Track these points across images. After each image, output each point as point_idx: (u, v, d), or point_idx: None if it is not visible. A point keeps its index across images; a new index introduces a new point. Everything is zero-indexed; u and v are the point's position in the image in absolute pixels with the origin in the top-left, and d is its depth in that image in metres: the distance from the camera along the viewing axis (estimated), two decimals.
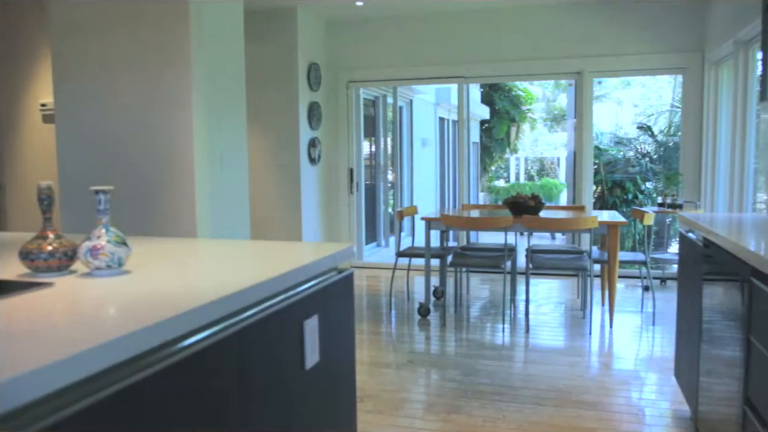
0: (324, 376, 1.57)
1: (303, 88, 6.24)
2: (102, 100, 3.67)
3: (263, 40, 6.12)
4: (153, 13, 3.50)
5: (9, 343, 0.86)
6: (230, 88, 3.93)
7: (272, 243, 1.84)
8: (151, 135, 3.57)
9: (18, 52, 5.00)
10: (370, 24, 6.57)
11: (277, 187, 6.31)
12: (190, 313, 1.04)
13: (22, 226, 5.11)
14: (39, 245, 1.30)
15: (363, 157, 7.16)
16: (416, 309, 4.95)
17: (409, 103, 9.73)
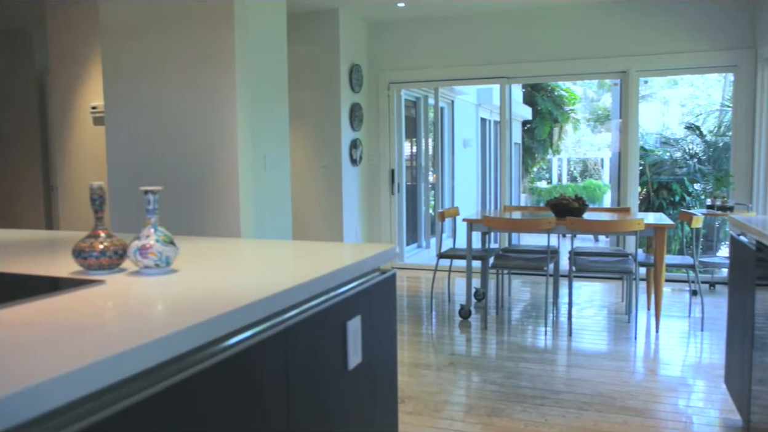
0: (366, 376, 1.57)
1: (345, 89, 6.28)
2: (150, 102, 3.75)
3: (306, 41, 6.17)
4: (199, 16, 3.57)
5: (63, 339, 0.88)
6: (273, 89, 3.98)
7: (315, 243, 1.85)
8: (197, 136, 3.64)
9: (71, 55, 5.16)
10: (412, 25, 6.56)
11: (318, 188, 6.36)
12: (236, 312, 1.05)
13: (73, 225, 5.27)
14: (91, 244, 1.33)
15: (404, 158, 7.16)
16: (457, 311, 4.93)
17: (451, 103, 9.69)
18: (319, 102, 6.26)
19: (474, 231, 4.70)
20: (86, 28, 5.03)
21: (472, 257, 4.75)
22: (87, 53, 5.07)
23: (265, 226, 3.79)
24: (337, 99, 6.21)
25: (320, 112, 6.27)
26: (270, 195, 3.90)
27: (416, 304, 5.31)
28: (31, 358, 0.79)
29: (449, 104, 9.66)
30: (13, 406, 0.67)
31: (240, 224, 3.53)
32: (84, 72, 5.13)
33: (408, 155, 8.08)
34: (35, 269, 1.45)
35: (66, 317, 1.00)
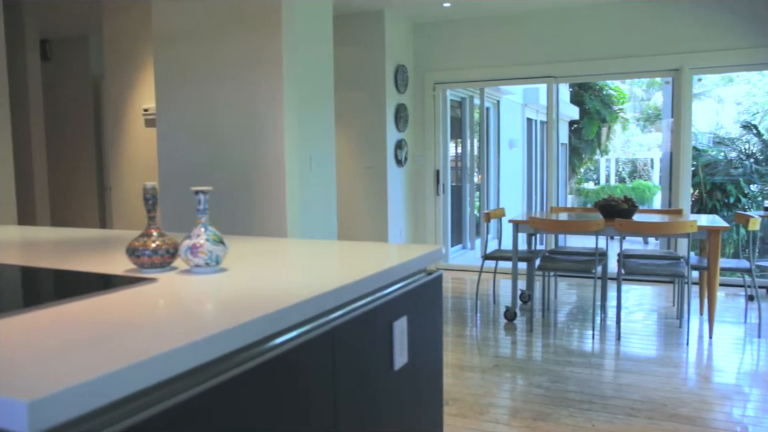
0: (412, 377, 1.57)
1: (390, 90, 6.29)
2: (199, 104, 3.83)
3: (351, 42, 6.21)
4: (247, 19, 3.62)
5: (117, 335, 0.90)
6: (319, 90, 4.01)
7: (361, 243, 1.86)
8: (245, 137, 3.69)
9: (125, 60, 5.31)
10: (457, 25, 6.53)
11: (363, 189, 6.38)
12: (284, 311, 1.06)
13: (125, 224, 5.42)
14: (144, 242, 1.37)
15: (449, 158, 7.13)
16: (502, 313, 4.88)
17: (496, 103, 9.61)
18: (365, 103, 6.29)
19: (520, 232, 4.65)
20: (140, 33, 5.16)
21: (518, 259, 4.70)
22: (140, 58, 5.21)
23: (310, 227, 3.83)
24: (383, 100, 6.23)
25: (365, 113, 6.30)
26: (316, 195, 3.93)
27: (461, 306, 5.27)
28: (88, 354, 0.81)
29: (495, 104, 9.58)
30: (68, 401, 0.69)
31: (286, 224, 3.57)
32: (137, 76, 5.27)
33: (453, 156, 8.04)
34: (91, 267, 1.50)
35: (120, 314, 1.03)
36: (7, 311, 1.05)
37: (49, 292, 1.30)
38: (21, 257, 1.70)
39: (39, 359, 0.79)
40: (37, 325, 0.97)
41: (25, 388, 0.68)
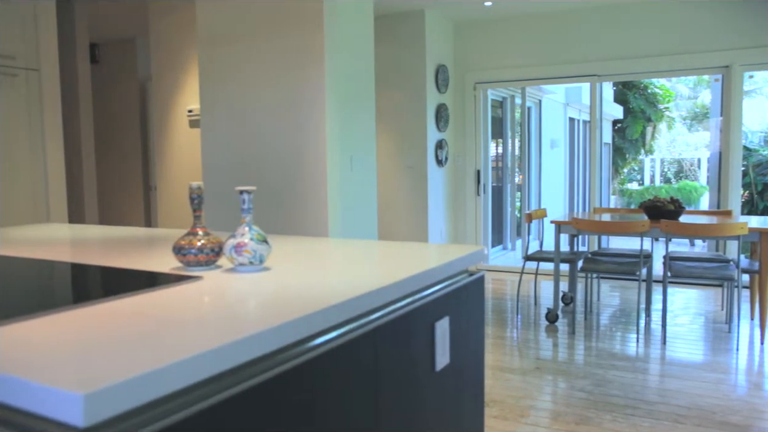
0: (453, 378, 1.56)
1: (431, 90, 6.27)
2: (242, 104, 3.88)
3: (391, 43, 6.21)
4: (290, 19, 3.66)
5: (165, 332, 0.92)
6: (360, 90, 4.02)
7: (403, 244, 1.86)
8: (287, 137, 3.73)
9: (171, 62, 5.42)
10: (499, 24, 6.47)
11: (403, 189, 6.38)
12: (327, 310, 1.07)
13: (169, 222, 5.53)
14: (190, 241, 1.39)
15: (490, 158, 7.08)
16: (543, 314, 4.82)
17: (538, 103, 9.50)
18: (405, 103, 6.28)
19: (562, 233, 4.58)
20: (185, 35, 5.27)
21: (560, 260, 4.63)
22: (185, 59, 5.31)
23: (351, 226, 3.84)
24: (423, 100, 6.21)
25: (406, 113, 6.30)
26: (356, 195, 3.95)
27: (501, 307, 5.23)
28: (138, 349, 0.83)
29: (536, 104, 9.47)
30: (120, 395, 0.70)
31: (327, 224, 3.59)
32: (182, 77, 5.37)
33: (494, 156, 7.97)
34: (138, 264, 1.53)
35: (168, 311, 1.05)
36: (59, 307, 1.08)
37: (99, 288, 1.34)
38: (71, 254, 1.75)
39: (91, 354, 0.81)
40: (88, 321, 0.99)
41: (79, 382, 0.70)
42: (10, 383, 0.73)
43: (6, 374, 0.73)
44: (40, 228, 2.53)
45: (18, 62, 4.15)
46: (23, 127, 4.21)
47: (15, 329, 0.95)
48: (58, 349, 0.84)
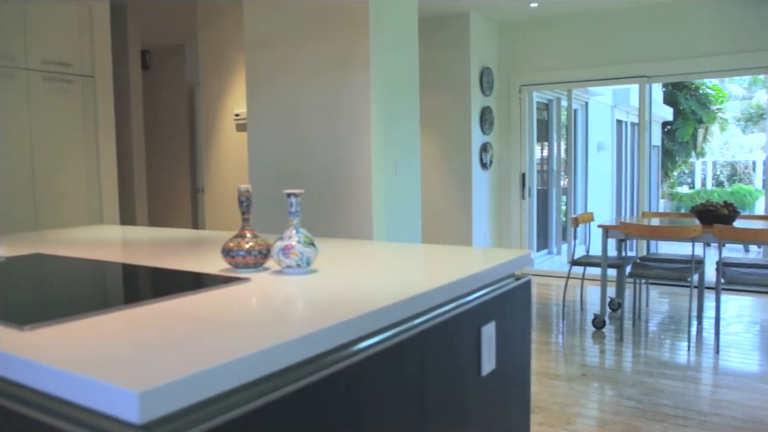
0: (499, 383, 1.54)
1: (475, 92, 6.24)
2: (288, 108, 3.93)
3: (436, 45, 6.20)
4: (335, 23, 3.69)
5: (215, 332, 0.94)
6: (405, 93, 4.02)
7: (448, 247, 1.85)
8: (333, 141, 3.76)
9: (218, 67, 5.52)
10: (544, 25, 6.39)
11: (447, 192, 6.35)
12: (375, 313, 1.07)
13: (216, 224, 5.63)
14: (238, 243, 1.41)
15: (535, 161, 6.99)
16: (590, 320, 4.73)
17: (585, 105, 9.34)
18: (449, 106, 6.26)
19: (609, 238, 4.49)
20: (232, 41, 5.36)
21: (607, 265, 4.54)
22: (232, 64, 5.40)
23: (395, 229, 3.84)
24: (467, 103, 6.18)
25: (450, 116, 6.27)
26: (400, 198, 3.95)
27: (546, 312, 5.15)
28: (190, 349, 0.85)
29: (583, 106, 9.31)
30: (173, 394, 0.72)
31: (372, 227, 3.60)
32: (229, 82, 5.47)
33: (539, 159, 7.88)
34: (187, 266, 1.56)
35: (218, 312, 1.07)
36: (112, 306, 1.11)
37: (150, 289, 1.37)
38: (123, 255, 1.79)
39: (144, 353, 0.83)
40: (141, 321, 1.02)
41: (134, 380, 0.71)
42: (69, 379, 0.75)
43: (66, 370, 0.76)
44: (94, 229, 2.61)
45: (74, 69, 4.29)
46: (78, 132, 4.34)
47: (71, 327, 0.98)
48: (113, 348, 0.86)
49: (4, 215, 3.94)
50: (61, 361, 0.79)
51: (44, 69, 4.13)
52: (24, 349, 0.85)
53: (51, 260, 1.72)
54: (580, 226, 5.06)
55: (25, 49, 4.03)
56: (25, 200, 4.06)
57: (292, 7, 3.85)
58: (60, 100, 4.23)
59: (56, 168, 4.22)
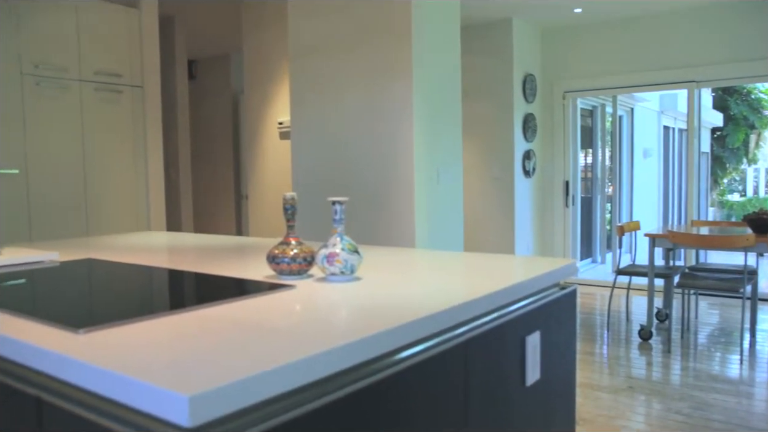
0: (544, 394, 1.52)
1: (518, 99, 6.19)
2: (331, 116, 3.96)
3: (478, 52, 6.18)
4: (378, 32, 3.71)
5: (262, 338, 0.95)
6: (447, 101, 4.02)
7: (492, 256, 1.83)
8: (375, 148, 3.77)
9: (262, 76, 5.61)
10: (589, 31, 6.31)
11: (489, 200, 6.31)
12: (419, 322, 1.06)
13: (260, 231, 5.71)
14: (283, 250, 1.43)
15: (579, 169, 6.89)
16: (636, 331, 4.63)
17: (630, 111, 9.17)
18: (492, 113, 6.22)
19: (656, 247, 4.39)
20: (276, 51, 5.44)
21: (654, 275, 4.43)
22: (276, 73, 5.48)
23: (437, 237, 3.83)
24: (510, 110, 6.14)
25: (492, 123, 6.24)
26: (442, 206, 3.94)
27: (590, 322, 5.06)
28: (237, 355, 0.86)
29: (628, 112, 9.15)
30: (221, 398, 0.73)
31: (414, 235, 3.60)
32: (272, 90, 5.55)
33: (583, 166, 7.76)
34: (233, 272, 1.59)
35: (264, 318, 1.08)
36: (159, 311, 1.14)
37: (197, 294, 1.39)
38: (169, 261, 1.83)
39: (193, 358, 0.85)
40: (188, 326, 1.03)
41: (184, 384, 0.73)
42: (123, 382, 0.77)
43: (121, 373, 0.78)
44: (142, 235, 2.67)
45: (124, 80, 4.42)
46: (127, 141, 4.46)
47: (122, 331, 1.00)
48: (162, 352, 0.88)
49: (58, 221, 4.07)
50: (115, 365, 0.81)
51: (96, 80, 4.26)
52: (79, 352, 0.88)
53: (101, 265, 1.77)
54: (625, 234, 4.95)
55: (78, 61, 4.16)
56: (78, 207, 4.19)
57: (336, 16, 3.90)
58: (110, 109, 4.35)
59: (106, 176, 4.34)
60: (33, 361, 0.94)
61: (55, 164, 4.07)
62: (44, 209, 4.01)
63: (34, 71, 3.95)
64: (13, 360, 1.00)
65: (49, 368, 0.90)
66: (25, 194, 3.92)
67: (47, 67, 4.00)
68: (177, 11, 6.13)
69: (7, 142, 3.83)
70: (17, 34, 3.86)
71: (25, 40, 3.90)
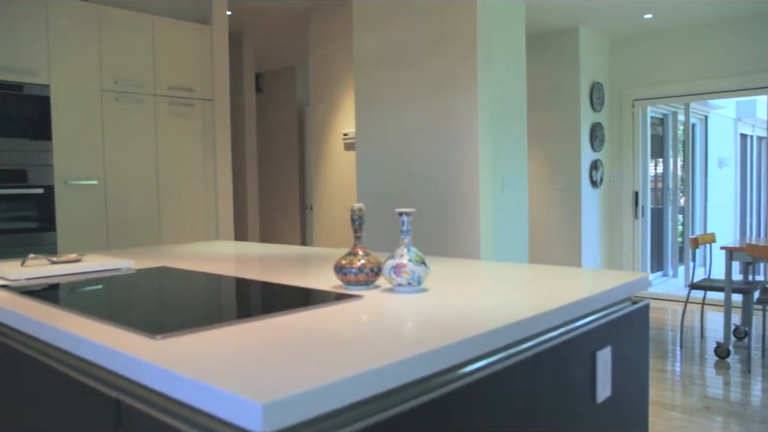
0: (615, 412, 1.47)
1: (585, 108, 6.06)
2: (396, 127, 3.98)
3: (543, 61, 6.09)
4: (443, 42, 3.71)
5: (332, 348, 0.96)
6: (512, 110, 3.98)
7: (558, 268, 1.80)
8: (440, 158, 3.77)
9: (327, 88, 5.70)
10: (659, 36, 6.13)
11: (555, 211, 6.19)
12: (487, 335, 1.05)
13: (324, 241, 5.78)
14: (351, 261, 1.44)
15: (649, 179, 6.68)
16: (711, 349, 4.43)
17: (704, 119, 8.83)
18: (557, 123, 6.12)
19: (734, 260, 4.20)
20: (341, 63, 5.52)
21: (731, 290, 4.24)
22: (341, 85, 5.56)
23: (502, 249, 3.79)
24: (577, 119, 6.02)
25: (558, 133, 6.13)
26: (507, 217, 3.89)
27: (662, 338, 4.88)
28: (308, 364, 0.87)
29: (702, 120, 8.81)
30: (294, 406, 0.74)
31: (479, 246, 3.57)
32: (337, 102, 5.63)
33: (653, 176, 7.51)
34: (300, 281, 1.61)
35: (333, 328, 1.09)
36: (233, 319, 1.16)
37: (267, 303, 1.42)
38: (237, 269, 1.88)
39: (265, 366, 0.86)
40: (260, 334, 1.06)
41: (258, 392, 0.74)
42: (199, 388, 0.79)
43: (197, 380, 0.80)
44: (211, 244, 2.75)
45: (195, 94, 4.58)
46: (198, 152, 4.61)
47: (195, 338, 1.03)
48: (235, 360, 0.90)
49: (133, 229, 4.24)
50: (191, 371, 0.84)
51: (169, 94, 4.43)
52: (157, 357, 0.91)
53: (174, 273, 1.83)
54: (699, 247, 4.76)
55: (153, 76, 4.34)
56: (151, 216, 4.35)
57: (401, 27, 3.92)
58: (182, 122, 4.51)
59: (178, 186, 4.50)
60: (113, 364, 0.98)
61: (131, 175, 4.24)
62: (120, 218, 4.18)
63: (114, 87, 4.14)
64: (94, 362, 1.05)
65: (129, 372, 0.94)
66: (103, 204, 4.10)
67: (125, 83, 4.19)
68: (245, 27, 6.31)
69: (87, 155, 4.03)
70: (99, 52, 4.06)
71: (106, 58, 4.09)
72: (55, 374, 1.13)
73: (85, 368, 1.08)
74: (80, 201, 3.99)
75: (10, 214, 3.67)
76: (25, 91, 3.73)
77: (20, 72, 3.72)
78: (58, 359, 1.15)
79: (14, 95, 3.68)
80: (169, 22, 4.42)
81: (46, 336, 1.18)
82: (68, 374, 1.09)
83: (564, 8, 5.41)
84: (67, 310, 1.28)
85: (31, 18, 3.76)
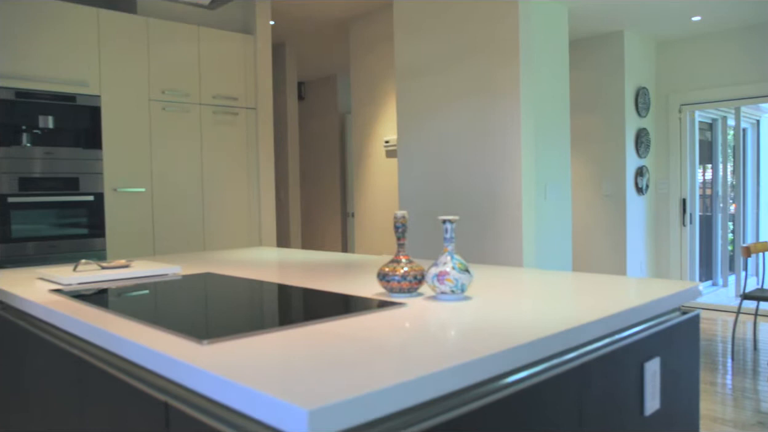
0: (664, 425, 1.43)
1: (630, 113, 5.95)
2: (437, 134, 3.97)
3: (587, 66, 6.01)
4: (485, 49, 3.69)
5: (378, 355, 0.96)
6: (555, 116, 3.93)
7: (604, 276, 1.76)
8: (482, 165, 3.75)
9: (369, 96, 5.73)
10: (708, 39, 5.98)
11: (599, 218, 6.08)
12: (532, 344, 1.04)
13: (365, 248, 5.80)
14: (394, 268, 1.44)
15: (697, 185, 6.51)
16: (764, 361, 4.28)
17: (755, 123, 8.57)
18: (602, 128, 6.02)
19: None
20: (383, 71, 5.55)
21: None
22: (382, 92, 5.58)
23: (545, 256, 3.74)
24: (621, 124, 5.91)
25: (602, 139, 6.03)
26: (550, 224, 3.84)
27: (712, 350, 4.73)
28: (353, 371, 0.87)
29: (753, 124, 8.55)
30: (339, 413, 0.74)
31: (522, 253, 3.53)
32: (379, 110, 5.65)
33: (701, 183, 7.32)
34: (342, 288, 1.62)
35: (377, 335, 1.09)
36: (275, 326, 1.17)
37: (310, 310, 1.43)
38: (280, 276, 1.90)
39: (310, 372, 0.87)
40: (305, 341, 1.06)
41: (304, 398, 0.75)
42: (245, 393, 0.80)
43: (244, 385, 0.81)
44: (254, 251, 2.78)
45: (239, 102, 4.65)
46: (241, 160, 4.69)
47: (240, 344, 1.04)
48: (280, 366, 0.91)
49: (179, 235, 4.33)
50: (238, 376, 0.85)
51: (214, 103, 4.51)
52: (204, 362, 0.92)
53: (219, 279, 1.86)
54: (751, 256, 4.62)
55: (199, 86, 4.43)
56: (196, 222, 4.43)
57: (442, 35, 3.92)
58: (226, 131, 4.59)
59: (222, 193, 4.57)
60: (162, 368, 1.00)
61: (177, 183, 4.33)
62: (166, 224, 4.28)
63: (161, 97, 4.24)
64: (142, 365, 1.07)
65: (177, 376, 0.96)
66: (150, 211, 4.20)
67: (172, 92, 4.29)
68: (288, 36, 6.39)
69: (135, 163, 4.13)
70: (147, 63, 4.17)
71: (154, 68, 4.20)
72: (104, 376, 1.16)
73: (133, 371, 1.10)
74: (128, 208, 4.10)
75: (62, 220, 3.79)
76: (78, 102, 3.85)
77: (73, 83, 3.84)
78: (107, 361, 1.18)
79: (68, 106, 3.80)
80: (214, 32, 4.52)
81: (96, 339, 1.21)
82: (117, 376, 1.11)
83: (608, 12, 5.33)
84: (116, 314, 1.31)
85: (84, 32, 3.89)
